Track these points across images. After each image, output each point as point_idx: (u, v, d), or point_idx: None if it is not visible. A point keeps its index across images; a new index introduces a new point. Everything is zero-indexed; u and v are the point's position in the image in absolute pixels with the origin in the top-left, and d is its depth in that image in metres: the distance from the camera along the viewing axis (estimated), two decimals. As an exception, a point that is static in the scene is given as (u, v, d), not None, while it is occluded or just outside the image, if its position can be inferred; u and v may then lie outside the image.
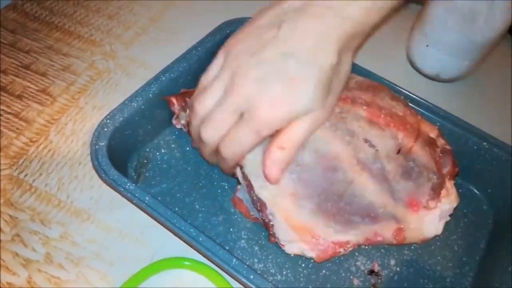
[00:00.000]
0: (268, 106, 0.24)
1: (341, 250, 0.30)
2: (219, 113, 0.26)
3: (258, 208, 0.30)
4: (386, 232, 0.30)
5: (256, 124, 0.25)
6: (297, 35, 0.24)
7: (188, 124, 0.33)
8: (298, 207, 0.29)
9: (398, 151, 0.30)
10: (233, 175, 0.34)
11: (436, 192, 0.30)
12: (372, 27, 0.26)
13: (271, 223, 0.29)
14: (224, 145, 0.26)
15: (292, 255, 0.32)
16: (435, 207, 0.30)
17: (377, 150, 0.29)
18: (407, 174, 0.29)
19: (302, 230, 0.29)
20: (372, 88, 0.33)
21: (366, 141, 0.29)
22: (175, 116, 0.38)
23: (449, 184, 0.31)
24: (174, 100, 0.36)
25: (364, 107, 0.30)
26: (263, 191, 0.29)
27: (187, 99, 0.36)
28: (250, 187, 0.30)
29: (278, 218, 0.29)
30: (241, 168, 0.30)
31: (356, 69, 0.38)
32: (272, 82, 0.24)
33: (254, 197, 0.30)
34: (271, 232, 0.30)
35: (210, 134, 0.26)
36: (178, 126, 0.38)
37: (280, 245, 0.31)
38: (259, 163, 0.29)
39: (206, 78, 0.28)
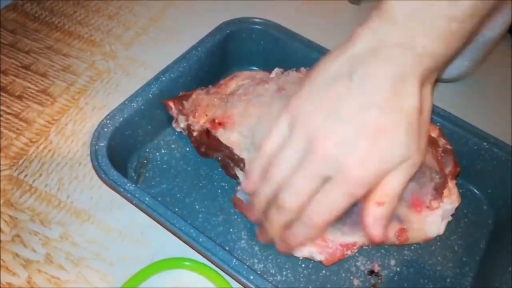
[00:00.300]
0: (359, 165, 0.22)
1: (349, 252, 0.30)
2: (301, 178, 0.23)
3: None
4: (389, 232, 0.30)
5: (349, 186, 0.22)
6: (372, 82, 0.22)
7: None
8: None
9: None
10: (234, 176, 0.34)
11: (438, 192, 0.30)
12: (452, 55, 0.23)
13: None
14: (311, 211, 0.24)
15: (292, 256, 0.32)
16: (437, 207, 0.30)
17: None
18: None
19: None
20: None
21: None
22: (174, 120, 0.38)
23: (451, 184, 0.31)
24: (171, 104, 0.36)
25: None
26: None
27: (184, 102, 0.36)
28: None
29: None
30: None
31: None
32: (357, 139, 0.22)
33: None
34: None
35: (293, 201, 0.24)
36: (178, 130, 0.38)
37: None
38: None
39: (270, 145, 0.25)
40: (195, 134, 0.34)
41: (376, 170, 0.22)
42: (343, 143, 0.22)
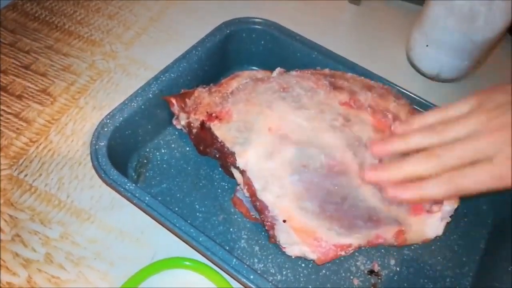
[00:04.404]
0: None
1: (342, 252, 0.30)
2: (467, 143, 0.25)
3: (259, 210, 0.30)
4: (387, 234, 0.30)
5: (503, 171, 0.24)
6: None
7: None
8: (301, 209, 0.29)
9: None
10: (233, 176, 0.34)
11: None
12: None
13: (273, 225, 0.29)
14: (459, 175, 0.25)
15: (292, 256, 0.32)
16: (438, 211, 0.30)
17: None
18: None
19: (304, 232, 0.29)
20: (376, 89, 0.34)
21: None
22: (175, 117, 0.38)
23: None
24: (173, 101, 0.36)
25: (369, 112, 0.30)
26: (266, 194, 0.29)
27: (186, 99, 0.36)
28: (251, 190, 0.30)
29: (280, 221, 0.29)
30: (242, 172, 0.30)
31: (356, 69, 0.38)
32: None
33: (256, 201, 0.30)
34: (271, 234, 0.30)
35: (450, 157, 0.25)
36: (179, 127, 0.38)
37: (281, 247, 0.30)
38: (262, 166, 0.29)
39: (455, 107, 0.28)
40: (194, 131, 0.34)
41: None
42: None
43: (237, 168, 0.30)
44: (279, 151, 0.29)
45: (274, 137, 0.30)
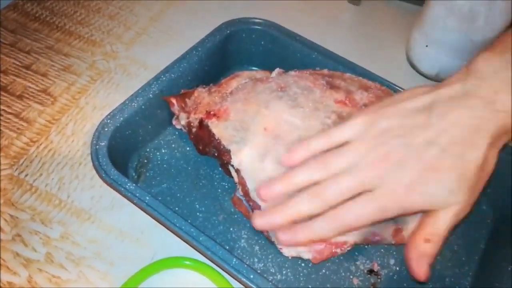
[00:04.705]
0: (403, 189, 0.24)
1: (338, 250, 0.30)
2: (348, 179, 0.25)
3: (253, 210, 0.30)
4: (384, 232, 0.30)
5: (385, 203, 0.24)
6: (445, 125, 0.24)
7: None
8: None
9: None
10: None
11: None
12: None
13: None
14: (341, 211, 0.25)
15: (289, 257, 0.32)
16: None
17: None
18: None
19: None
20: (373, 90, 0.34)
21: None
22: (175, 117, 0.38)
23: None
24: (174, 101, 0.36)
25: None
26: None
27: (187, 99, 0.36)
28: (244, 190, 0.30)
29: None
30: (237, 171, 0.30)
31: (355, 69, 0.38)
32: (411, 167, 0.24)
33: (249, 200, 0.30)
34: (266, 235, 0.30)
35: (333, 195, 0.25)
36: (178, 127, 0.38)
37: (278, 248, 0.31)
38: (256, 166, 0.29)
39: (339, 133, 0.27)
40: (194, 131, 0.35)
41: (415, 201, 0.24)
42: (397, 166, 0.24)
43: (232, 166, 0.31)
44: (273, 152, 0.29)
45: (269, 137, 0.30)
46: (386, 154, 0.24)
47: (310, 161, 0.26)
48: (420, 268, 0.25)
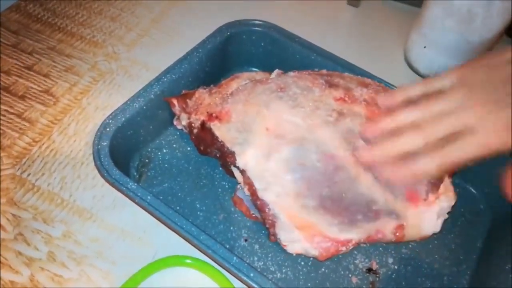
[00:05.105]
0: (505, 127, 0.25)
1: (343, 248, 0.30)
2: (451, 119, 0.26)
3: (259, 209, 0.30)
4: (386, 228, 0.30)
5: (488, 139, 0.25)
6: None
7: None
8: (302, 207, 0.29)
9: None
10: (234, 175, 0.34)
11: (435, 184, 0.30)
12: None
13: (274, 223, 0.30)
14: (445, 149, 0.26)
15: (291, 254, 0.32)
16: (434, 201, 0.30)
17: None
18: None
19: (306, 229, 0.29)
20: (372, 86, 0.34)
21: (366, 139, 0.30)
22: (176, 117, 0.38)
23: (447, 182, 0.32)
24: (175, 102, 0.37)
25: (363, 105, 0.31)
26: (267, 193, 0.29)
27: (188, 100, 0.36)
28: (251, 190, 0.30)
29: (282, 218, 0.29)
30: (242, 171, 0.31)
31: (354, 70, 0.39)
32: (508, 109, 0.25)
33: (257, 200, 0.30)
34: (272, 232, 0.31)
35: (435, 132, 0.27)
36: (179, 127, 0.39)
37: (282, 245, 0.31)
38: (261, 166, 0.30)
39: (435, 82, 0.29)
40: (195, 131, 0.35)
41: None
42: (496, 107, 0.26)
43: (237, 167, 0.31)
44: (276, 151, 0.30)
45: (272, 137, 0.30)
46: (484, 98, 0.26)
47: (413, 104, 0.28)
48: None
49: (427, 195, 0.30)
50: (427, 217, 0.30)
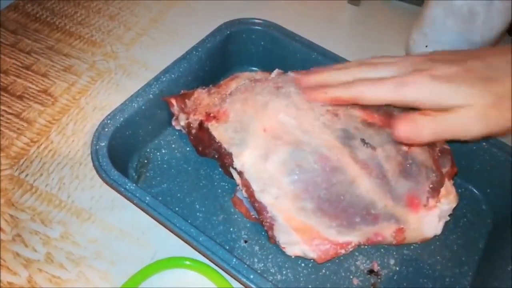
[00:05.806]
0: (429, 79, 0.26)
1: (342, 251, 0.30)
2: (385, 61, 0.30)
3: (257, 211, 0.30)
4: (386, 232, 0.30)
5: (404, 87, 0.26)
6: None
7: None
8: (300, 209, 0.29)
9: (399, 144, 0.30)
10: (232, 176, 0.34)
11: (435, 190, 0.30)
12: None
13: (272, 225, 0.29)
14: (363, 82, 0.28)
15: (292, 256, 0.32)
16: (435, 206, 0.30)
17: (375, 150, 0.29)
18: (405, 172, 0.30)
19: (304, 232, 0.29)
20: None
21: (363, 141, 0.29)
22: (174, 118, 0.38)
23: (448, 184, 0.31)
24: (173, 101, 0.36)
25: (359, 108, 0.31)
26: (264, 195, 0.29)
27: (186, 100, 0.36)
28: (249, 191, 0.30)
29: (280, 221, 0.29)
30: (240, 173, 0.30)
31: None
32: (447, 67, 0.26)
33: (255, 201, 0.30)
34: (270, 234, 0.30)
35: (359, 73, 0.29)
36: (178, 128, 0.38)
37: (281, 247, 0.31)
38: (259, 168, 0.29)
39: (380, 58, 0.32)
40: (193, 132, 0.35)
41: (439, 88, 0.26)
42: (436, 65, 0.27)
43: (235, 168, 0.31)
44: (273, 152, 0.29)
45: (269, 138, 0.30)
46: (430, 65, 0.27)
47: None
48: (403, 125, 0.26)
49: (428, 200, 0.30)
50: (428, 220, 0.30)
